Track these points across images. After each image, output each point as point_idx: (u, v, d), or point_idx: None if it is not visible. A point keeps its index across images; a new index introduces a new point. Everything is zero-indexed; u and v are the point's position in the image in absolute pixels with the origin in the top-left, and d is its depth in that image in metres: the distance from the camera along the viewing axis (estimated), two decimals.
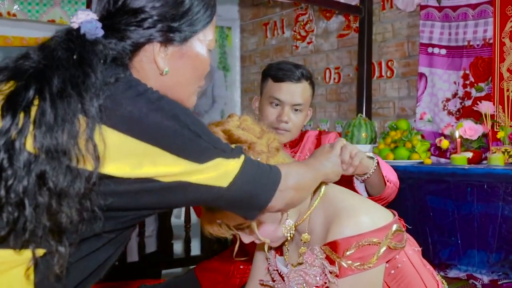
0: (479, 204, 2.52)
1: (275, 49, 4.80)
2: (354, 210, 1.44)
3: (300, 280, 1.52)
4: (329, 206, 1.49)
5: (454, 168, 2.63)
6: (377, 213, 1.47)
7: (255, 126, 1.48)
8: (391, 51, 3.85)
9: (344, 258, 1.38)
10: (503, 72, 3.03)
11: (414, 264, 1.53)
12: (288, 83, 2.19)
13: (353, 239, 1.38)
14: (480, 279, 2.86)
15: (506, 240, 2.43)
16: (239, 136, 1.42)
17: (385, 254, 1.40)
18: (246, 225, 1.44)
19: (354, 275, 1.39)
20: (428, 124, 3.40)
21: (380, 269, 1.42)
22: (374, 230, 1.40)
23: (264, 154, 1.41)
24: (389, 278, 1.47)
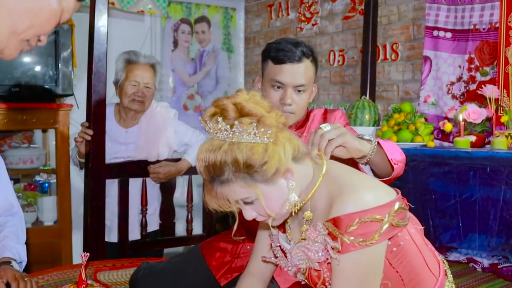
0: (481, 187, 2.52)
1: (279, 31, 4.78)
2: (357, 187, 1.43)
3: (302, 256, 1.52)
4: (332, 183, 1.48)
5: (457, 151, 2.62)
6: (380, 190, 1.47)
7: (263, 101, 1.47)
8: (396, 34, 3.84)
9: (347, 234, 1.37)
10: (508, 57, 3.01)
11: (416, 242, 1.53)
12: (288, 64, 2.12)
13: (356, 215, 1.38)
14: (480, 263, 2.87)
15: (507, 224, 2.43)
16: (250, 109, 1.41)
17: (388, 231, 1.40)
18: (253, 198, 1.44)
19: (356, 251, 1.38)
20: (431, 108, 3.40)
21: (382, 246, 1.42)
22: (377, 207, 1.39)
23: (274, 128, 1.40)
24: (391, 255, 1.47)
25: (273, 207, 1.46)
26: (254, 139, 1.38)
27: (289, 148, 1.44)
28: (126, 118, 3.18)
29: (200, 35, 4.86)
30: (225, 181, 1.40)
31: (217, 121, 1.39)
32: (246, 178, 1.39)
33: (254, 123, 1.38)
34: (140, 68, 3.10)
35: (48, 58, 3.48)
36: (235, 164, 1.37)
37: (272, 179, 1.41)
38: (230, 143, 1.38)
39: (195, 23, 4.83)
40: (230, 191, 1.41)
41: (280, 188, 1.45)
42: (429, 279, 1.56)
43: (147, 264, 2.44)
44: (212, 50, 4.92)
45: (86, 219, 2.90)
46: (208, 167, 1.40)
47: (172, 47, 4.73)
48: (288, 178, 1.45)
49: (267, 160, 1.38)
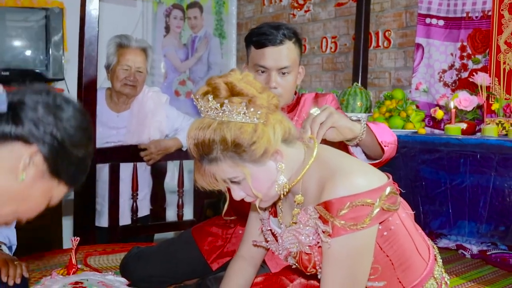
0: (472, 174, 2.53)
1: (272, 17, 4.76)
2: (348, 171, 1.43)
3: (293, 239, 1.53)
4: (323, 167, 1.48)
5: (448, 138, 2.63)
6: (371, 174, 1.47)
7: (256, 81, 1.47)
8: (389, 21, 3.83)
9: (338, 218, 1.38)
10: (500, 45, 3.01)
11: (407, 227, 1.54)
12: (270, 47, 2.10)
13: (347, 199, 1.38)
14: (470, 249, 2.89)
15: (497, 211, 2.44)
16: (241, 88, 1.41)
17: (379, 215, 1.40)
18: (240, 178, 1.44)
19: (347, 235, 1.38)
20: (423, 95, 3.40)
21: (373, 230, 1.43)
22: (368, 191, 1.40)
23: (264, 109, 1.41)
24: (381, 239, 1.48)
25: (261, 188, 1.46)
26: (244, 119, 1.39)
27: (279, 130, 1.44)
28: (118, 103, 3.17)
29: (192, 21, 4.83)
30: (214, 159, 1.40)
31: (208, 99, 1.40)
32: (234, 158, 1.39)
33: (244, 103, 1.39)
34: (132, 52, 3.09)
35: (38, 42, 3.45)
36: (223, 142, 1.37)
37: (260, 159, 1.41)
38: (220, 122, 1.39)
39: (187, 8, 4.80)
40: (218, 169, 1.42)
41: (269, 169, 1.45)
42: (419, 264, 1.57)
43: (137, 249, 2.44)
44: (204, 36, 4.90)
45: (76, 203, 2.89)
46: (197, 145, 1.40)
47: (164, 32, 4.70)
48: (277, 160, 1.46)
49: (255, 140, 1.38)
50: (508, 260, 2.69)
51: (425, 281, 1.57)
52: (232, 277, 1.77)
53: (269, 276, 1.88)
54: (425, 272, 1.57)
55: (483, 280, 2.50)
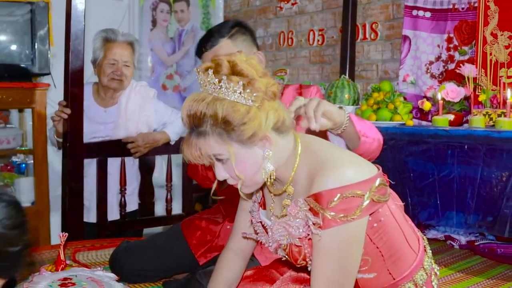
0: (459, 165, 2.54)
1: (259, 10, 4.75)
2: (338, 163, 1.44)
3: (283, 232, 1.52)
4: (313, 158, 1.49)
5: (435, 130, 2.64)
6: (361, 166, 1.48)
7: (259, 66, 1.48)
8: (376, 13, 3.84)
9: (328, 210, 1.38)
10: (486, 36, 3.03)
11: (397, 218, 1.54)
12: (205, 54, 2.16)
13: (337, 190, 1.38)
14: (458, 240, 2.91)
15: (484, 201, 2.45)
16: (242, 68, 1.42)
17: (369, 206, 1.41)
18: (225, 157, 1.44)
19: (338, 227, 1.39)
20: (410, 87, 3.41)
21: (363, 221, 1.43)
22: (358, 182, 1.40)
23: (261, 93, 1.42)
24: (371, 231, 1.48)
25: (244, 171, 1.46)
26: (239, 99, 1.40)
27: (272, 117, 1.44)
28: (105, 98, 3.15)
29: (179, 14, 4.81)
30: (202, 132, 1.42)
31: (208, 73, 1.42)
32: (222, 134, 1.41)
33: (242, 83, 1.40)
34: (119, 46, 3.07)
35: (24, 36, 3.41)
36: (213, 117, 1.39)
37: (248, 142, 1.42)
38: (215, 97, 1.40)
39: (174, 2, 4.78)
40: (205, 144, 1.43)
41: (255, 154, 1.46)
42: (409, 255, 1.57)
43: (126, 244, 2.43)
44: (191, 29, 4.88)
45: (64, 199, 2.87)
46: (190, 116, 1.42)
47: (150, 26, 4.68)
48: (265, 147, 1.46)
49: (246, 122, 1.39)
50: (496, 250, 2.72)
51: (415, 272, 1.57)
52: (221, 271, 1.77)
53: (259, 269, 1.88)
54: (414, 263, 1.57)
55: (471, 270, 2.52)
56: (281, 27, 4.53)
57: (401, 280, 1.56)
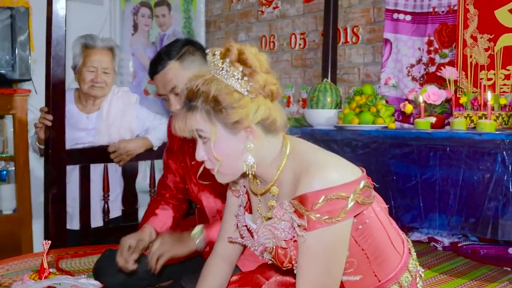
0: (442, 168, 2.55)
1: (240, 14, 4.75)
2: (323, 165, 1.45)
3: (269, 234, 1.53)
4: (298, 160, 1.51)
5: (418, 132, 2.65)
6: (346, 168, 1.49)
7: (267, 64, 1.51)
8: (357, 17, 3.85)
9: (313, 212, 1.39)
10: (466, 39, 3.06)
11: (381, 220, 1.55)
12: (155, 77, 2.20)
13: (322, 192, 1.40)
14: (441, 242, 2.94)
15: (467, 203, 2.47)
16: (247, 58, 1.46)
17: (353, 208, 1.42)
18: (207, 135, 1.48)
19: (323, 229, 1.40)
20: (392, 90, 3.43)
21: (348, 223, 1.44)
22: (342, 184, 1.41)
23: (257, 86, 1.46)
24: (356, 233, 1.49)
25: (223, 155, 1.49)
26: (235, 84, 1.45)
27: (262, 112, 1.47)
28: (86, 104, 3.13)
29: (161, 19, 4.80)
30: (193, 107, 1.47)
31: (215, 53, 1.47)
32: (209, 113, 1.45)
33: (241, 70, 1.45)
34: (98, 52, 3.04)
35: (3, 42, 3.38)
36: (206, 94, 1.44)
37: (231, 127, 1.46)
38: (214, 77, 1.46)
39: (155, 6, 4.76)
40: (193, 117, 1.47)
41: (236, 142, 1.49)
42: (394, 257, 1.59)
43: (110, 252, 2.42)
44: (172, 34, 4.86)
45: (46, 206, 2.84)
46: (187, 89, 1.48)
47: (132, 31, 4.66)
48: (248, 138, 1.49)
49: (235, 107, 1.43)
50: (479, 251, 2.74)
51: (400, 274, 1.58)
52: (207, 277, 1.78)
53: (244, 274, 1.88)
54: (399, 265, 1.59)
55: (455, 272, 2.54)
56: (263, 31, 4.54)
57: (387, 282, 1.57)
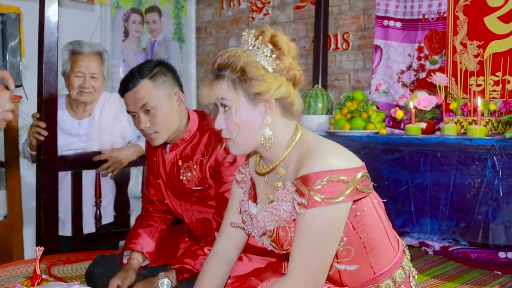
0: (433, 173, 2.58)
1: (231, 21, 4.77)
2: (325, 151, 1.54)
3: (270, 217, 1.61)
4: (304, 147, 1.59)
5: (409, 138, 2.68)
6: (348, 156, 1.57)
7: (295, 51, 1.64)
8: (347, 23, 3.88)
9: (313, 191, 1.47)
10: (456, 45, 3.09)
11: (379, 213, 1.63)
12: (126, 94, 2.22)
13: (324, 173, 1.47)
14: (432, 246, 2.96)
15: (458, 208, 2.50)
16: (278, 41, 1.59)
17: (352, 193, 1.49)
18: (229, 103, 1.58)
19: (321, 207, 1.47)
20: (383, 96, 3.46)
21: (345, 207, 1.51)
22: (343, 169, 1.49)
23: (283, 67, 1.58)
24: (355, 219, 1.56)
25: (242, 123, 1.58)
26: (262, 61, 1.57)
27: (283, 91, 1.58)
28: (78, 110, 3.13)
29: (151, 25, 4.81)
30: (221, 76, 1.58)
31: (250, 33, 1.60)
32: (235, 81, 1.57)
33: (271, 48, 1.57)
34: (85, 58, 3.02)
35: None
36: (234, 64, 1.56)
37: (253, 98, 1.57)
38: (244, 52, 1.59)
39: (146, 12, 4.77)
40: (219, 85, 1.59)
41: (255, 112, 1.59)
42: (389, 252, 1.65)
43: (102, 257, 2.42)
44: (163, 40, 4.87)
45: (38, 212, 2.84)
46: (219, 60, 1.59)
47: (122, 37, 4.66)
48: (266, 112, 1.59)
49: (259, 80, 1.55)
50: (470, 256, 2.76)
51: (394, 269, 1.64)
52: (204, 278, 1.82)
53: (238, 277, 1.90)
54: (394, 260, 1.65)
55: (446, 276, 2.56)
56: None
57: (381, 276, 1.62)
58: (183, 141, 2.27)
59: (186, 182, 2.26)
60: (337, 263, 1.61)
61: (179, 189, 2.30)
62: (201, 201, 2.26)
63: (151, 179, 2.47)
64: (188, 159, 2.26)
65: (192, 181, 2.24)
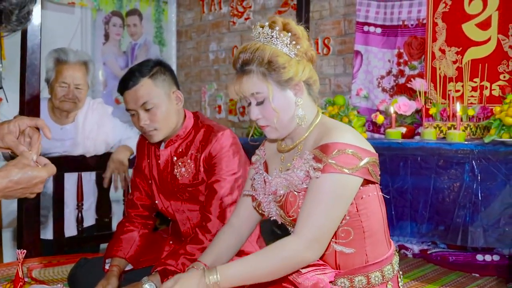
0: (412, 177, 2.62)
1: (212, 25, 4.79)
2: (345, 129, 1.66)
3: (283, 182, 1.69)
4: (324, 126, 1.70)
5: (389, 142, 2.72)
6: (364, 141, 1.67)
7: (306, 33, 1.72)
8: (328, 28, 3.92)
9: (330, 158, 1.57)
10: (435, 51, 3.14)
11: (381, 205, 1.70)
12: (126, 92, 2.23)
13: (342, 145, 1.58)
14: (411, 249, 3.00)
15: (437, 211, 2.54)
16: (292, 27, 1.68)
17: (364, 171, 1.59)
18: (264, 95, 1.66)
19: (335, 174, 1.56)
20: (363, 101, 3.50)
21: (356, 181, 1.60)
22: (360, 147, 1.60)
23: (303, 50, 1.67)
24: (360, 201, 1.64)
25: (280, 108, 1.67)
26: (284, 49, 1.66)
27: (308, 72, 1.69)
28: (60, 117, 3.11)
29: (132, 28, 4.80)
30: (248, 71, 1.67)
31: (263, 26, 1.69)
32: (264, 74, 1.65)
33: (290, 35, 1.66)
34: (70, 68, 3.00)
35: None
36: (260, 58, 1.64)
37: (284, 84, 1.66)
38: (265, 44, 1.66)
39: (126, 16, 4.76)
40: (249, 80, 1.67)
41: (288, 97, 1.69)
42: (384, 245, 1.71)
43: (85, 260, 2.42)
44: (144, 43, 4.87)
45: (20, 216, 2.82)
46: (243, 56, 1.67)
47: (103, 40, 4.65)
48: (297, 95, 1.70)
49: (286, 66, 1.64)
50: (448, 258, 2.81)
51: (385, 264, 1.69)
52: (216, 243, 1.91)
53: None
54: (386, 255, 1.69)
55: (425, 278, 2.60)
56: (234, 41, 4.57)
57: (372, 266, 1.67)
58: (178, 138, 2.30)
59: (180, 178, 2.28)
60: (335, 243, 1.66)
61: (172, 186, 2.32)
62: (192, 197, 2.27)
63: (137, 182, 2.47)
64: (182, 155, 2.29)
65: (185, 177, 2.27)
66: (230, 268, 1.61)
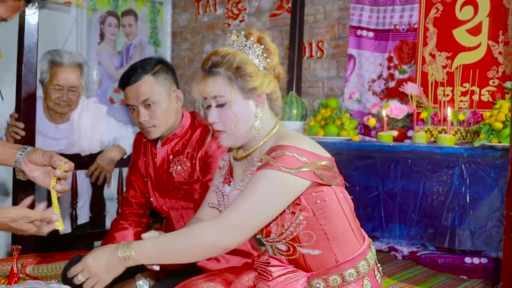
0: (403, 179, 2.65)
1: (207, 26, 4.81)
2: (298, 137, 1.70)
3: (239, 194, 1.70)
4: (279, 135, 1.73)
5: (381, 145, 2.75)
6: (317, 146, 1.70)
7: (278, 51, 1.77)
8: (322, 32, 3.96)
9: (271, 157, 1.61)
10: (425, 56, 3.18)
11: (344, 208, 1.71)
12: (127, 87, 2.27)
13: (286, 147, 1.61)
14: (401, 251, 3.04)
15: (426, 214, 2.57)
16: (266, 42, 1.73)
17: (308, 174, 1.60)
18: (226, 99, 1.69)
19: (272, 170, 1.59)
20: (355, 104, 3.53)
21: (297, 182, 1.60)
22: (307, 151, 1.62)
23: (272, 65, 1.73)
24: (315, 207, 1.65)
25: (239, 114, 1.70)
26: (254, 60, 1.71)
27: (272, 86, 1.74)
28: (55, 117, 3.13)
29: (127, 28, 4.82)
30: (216, 73, 1.70)
31: (239, 35, 1.74)
32: (231, 78, 1.69)
33: (263, 48, 1.71)
34: (65, 70, 3.01)
35: None
36: (230, 63, 1.68)
37: (247, 92, 1.70)
38: (237, 51, 1.70)
39: (122, 16, 4.78)
40: (215, 81, 1.70)
41: (249, 107, 1.72)
42: (353, 244, 1.73)
43: (79, 257, 2.43)
44: (139, 43, 4.89)
45: None
46: (214, 58, 1.70)
47: (98, 39, 4.66)
48: (258, 106, 1.73)
49: (253, 75, 1.69)
50: (437, 260, 2.85)
51: (358, 260, 1.72)
52: None
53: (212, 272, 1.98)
54: (358, 251, 1.72)
55: (414, 280, 2.64)
56: None
57: (344, 264, 1.70)
58: (175, 136, 2.34)
59: (176, 176, 2.31)
60: (300, 247, 1.69)
61: (167, 184, 2.35)
62: (187, 195, 2.31)
63: (132, 180, 2.50)
64: (179, 153, 2.32)
65: (181, 175, 2.31)
66: (144, 244, 1.64)
